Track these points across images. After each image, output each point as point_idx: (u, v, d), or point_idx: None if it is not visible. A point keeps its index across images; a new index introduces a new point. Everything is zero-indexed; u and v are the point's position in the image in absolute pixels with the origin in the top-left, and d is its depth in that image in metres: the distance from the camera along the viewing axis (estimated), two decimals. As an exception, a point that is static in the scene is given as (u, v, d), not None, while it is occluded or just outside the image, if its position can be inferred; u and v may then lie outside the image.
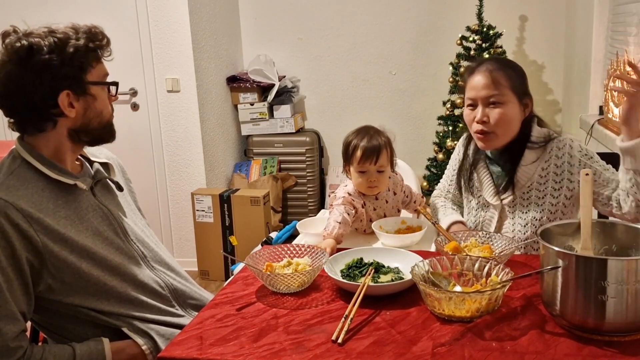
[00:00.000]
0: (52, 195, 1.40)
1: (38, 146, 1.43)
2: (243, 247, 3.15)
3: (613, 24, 3.02)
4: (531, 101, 1.81)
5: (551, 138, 1.80)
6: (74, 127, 1.43)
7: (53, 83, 1.36)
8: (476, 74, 1.78)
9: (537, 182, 1.79)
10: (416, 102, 4.04)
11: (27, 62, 1.34)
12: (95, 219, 1.47)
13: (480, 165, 1.89)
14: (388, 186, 2.11)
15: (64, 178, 1.43)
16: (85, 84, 1.40)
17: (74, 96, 1.39)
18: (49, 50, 1.35)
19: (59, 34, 1.38)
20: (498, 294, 1.32)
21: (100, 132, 1.48)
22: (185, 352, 1.25)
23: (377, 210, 2.10)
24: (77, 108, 1.41)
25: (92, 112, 1.43)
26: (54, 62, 1.35)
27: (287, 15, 4.07)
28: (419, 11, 3.90)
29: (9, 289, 1.31)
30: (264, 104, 3.94)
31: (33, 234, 1.33)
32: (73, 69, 1.38)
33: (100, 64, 1.45)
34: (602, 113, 3.02)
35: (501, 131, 1.75)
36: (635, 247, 1.35)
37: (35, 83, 1.35)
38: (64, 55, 1.36)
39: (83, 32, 1.41)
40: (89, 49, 1.40)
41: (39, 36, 1.36)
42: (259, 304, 1.47)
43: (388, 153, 2.04)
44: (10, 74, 1.35)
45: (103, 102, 1.46)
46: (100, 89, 1.45)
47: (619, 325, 1.20)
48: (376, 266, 1.57)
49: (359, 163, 2.00)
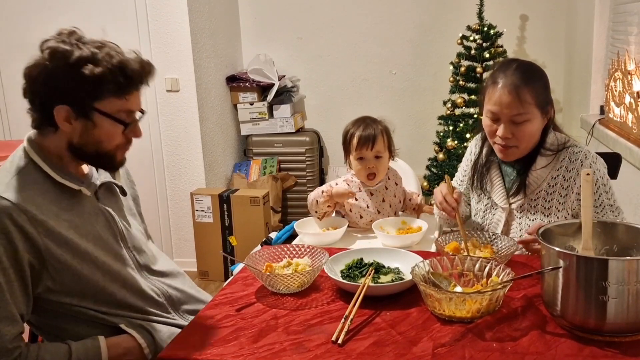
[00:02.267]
0: (56, 198, 1.40)
1: (46, 147, 1.43)
2: (243, 248, 3.15)
3: (614, 24, 3.02)
4: (552, 107, 1.76)
5: (565, 147, 1.76)
6: (72, 142, 1.41)
7: (53, 93, 1.35)
8: (500, 87, 1.67)
9: (545, 190, 1.77)
10: (416, 102, 4.03)
11: (47, 63, 1.34)
12: (97, 223, 1.47)
13: (493, 167, 1.87)
14: (387, 174, 2.17)
15: (69, 182, 1.43)
16: (89, 108, 1.37)
17: (73, 114, 1.37)
18: (65, 62, 1.33)
19: (87, 52, 1.35)
20: (499, 295, 1.31)
21: (96, 158, 1.45)
22: (185, 353, 1.25)
23: (375, 195, 2.12)
24: (74, 126, 1.38)
25: (89, 137, 1.40)
26: (60, 76, 1.34)
27: (286, 14, 4.06)
28: (419, 11, 3.90)
29: (9, 290, 1.30)
30: (264, 103, 3.93)
31: (36, 236, 1.32)
32: (80, 91, 1.35)
33: (121, 99, 1.39)
34: (603, 113, 3.02)
35: (524, 145, 1.72)
36: (636, 248, 1.35)
37: (41, 85, 1.36)
38: (75, 73, 1.33)
39: (114, 62, 1.36)
40: (106, 80, 1.35)
41: (72, 46, 1.35)
42: (258, 305, 1.46)
43: (385, 140, 2.12)
44: (36, 68, 1.36)
45: (106, 133, 1.41)
46: (106, 120, 1.40)
47: (619, 326, 1.20)
48: (376, 266, 1.57)
49: (357, 150, 2.09)
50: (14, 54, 3.64)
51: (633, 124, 2.50)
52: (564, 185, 1.75)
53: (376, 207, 2.13)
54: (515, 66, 1.70)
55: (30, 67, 1.37)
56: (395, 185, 2.20)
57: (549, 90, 1.75)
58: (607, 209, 1.71)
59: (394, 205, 2.18)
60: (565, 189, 1.74)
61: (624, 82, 2.59)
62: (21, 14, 3.59)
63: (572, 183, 1.74)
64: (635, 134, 2.46)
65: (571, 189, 1.73)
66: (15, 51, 3.62)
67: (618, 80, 2.67)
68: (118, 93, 1.38)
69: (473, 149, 1.97)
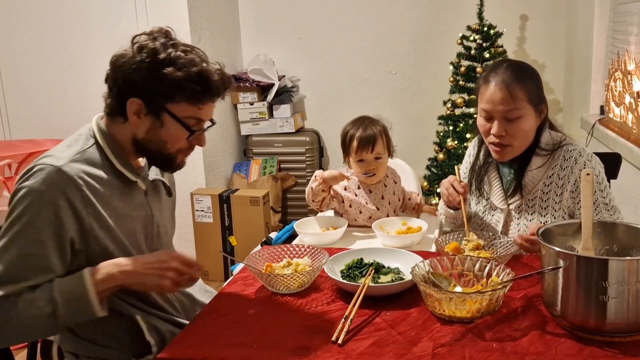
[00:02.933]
0: (110, 184, 1.42)
1: (112, 134, 1.45)
2: (243, 248, 3.15)
3: (614, 24, 3.01)
4: (546, 106, 1.76)
5: (560, 145, 1.76)
6: (137, 136, 1.43)
7: (132, 85, 1.38)
8: (492, 85, 1.70)
9: (542, 190, 1.77)
10: (416, 102, 4.03)
11: (133, 56, 1.37)
12: (137, 219, 1.49)
13: (491, 169, 1.87)
14: (386, 173, 2.20)
15: (128, 172, 1.46)
16: (161, 108, 1.40)
17: (144, 109, 1.40)
18: (149, 59, 1.36)
19: (172, 54, 1.37)
20: (499, 295, 1.31)
21: (157, 156, 1.47)
22: (185, 353, 1.25)
23: (374, 192, 2.13)
24: (142, 121, 1.41)
25: (155, 135, 1.43)
26: (144, 71, 1.36)
27: (286, 14, 4.06)
28: (419, 10, 3.90)
29: (40, 265, 1.31)
30: (264, 103, 3.93)
31: (85, 215, 1.35)
32: (155, 89, 1.38)
33: (194, 106, 1.42)
34: (603, 113, 3.01)
35: (518, 143, 1.73)
36: (637, 248, 1.35)
37: (122, 75, 1.38)
38: (155, 71, 1.36)
39: (194, 70, 1.38)
40: (183, 85, 1.38)
41: (161, 45, 1.37)
42: (258, 305, 1.46)
43: (384, 141, 2.14)
44: (122, 58, 1.39)
45: (171, 135, 1.43)
46: (174, 123, 1.42)
47: (620, 326, 1.20)
48: (376, 266, 1.57)
49: (357, 153, 2.11)
50: (14, 54, 3.65)
51: (633, 124, 2.50)
52: (559, 184, 1.75)
53: (375, 203, 2.15)
54: (506, 65, 1.73)
55: (117, 55, 1.40)
56: (394, 183, 2.21)
57: (542, 89, 1.76)
58: (602, 208, 1.71)
59: (393, 202, 2.19)
60: (560, 188, 1.74)
61: (624, 82, 2.58)
62: (21, 14, 3.59)
63: (566, 181, 1.73)
64: (635, 134, 2.46)
65: (565, 187, 1.74)
66: (15, 51, 3.63)
67: (618, 80, 2.67)
68: (192, 100, 1.41)
69: (471, 151, 1.98)
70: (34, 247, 1.30)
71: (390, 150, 2.18)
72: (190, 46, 1.43)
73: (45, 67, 3.63)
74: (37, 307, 1.29)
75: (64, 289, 1.31)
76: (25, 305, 1.29)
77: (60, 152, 1.39)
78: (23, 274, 1.30)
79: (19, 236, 1.30)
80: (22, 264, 1.30)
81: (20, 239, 1.30)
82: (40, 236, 1.31)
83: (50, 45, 3.59)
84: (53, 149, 1.43)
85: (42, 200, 1.30)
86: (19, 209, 1.30)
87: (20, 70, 3.65)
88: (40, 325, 1.30)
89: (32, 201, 1.30)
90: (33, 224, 1.30)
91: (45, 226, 1.31)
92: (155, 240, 1.56)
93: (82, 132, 1.46)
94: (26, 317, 1.28)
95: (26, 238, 1.30)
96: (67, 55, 3.59)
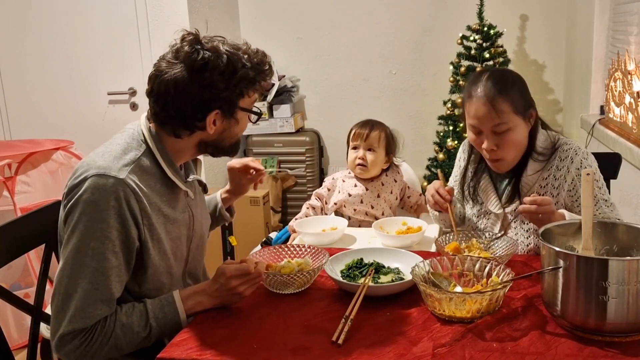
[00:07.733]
0: (161, 191, 1.42)
1: (165, 140, 1.44)
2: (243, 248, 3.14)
3: (614, 24, 3.01)
4: (534, 110, 1.72)
5: (556, 147, 1.74)
6: (206, 140, 1.44)
7: (211, 101, 1.37)
8: (475, 101, 1.65)
9: (537, 192, 1.73)
10: (417, 102, 4.03)
11: (198, 75, 1.34)
12: (182, 222, 1.50)
13: (484, 175, 1.84)
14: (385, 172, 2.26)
15: (178, 180, 1.45)
16: (236, 108, 1.41)
17: (221, 116, 1.41)
18: (220, 71, 1.35)
19: (233, 55, 1.37)
20: (499, 295, 1.31)
21: (227, 148, 1.49)
22: (185, 353, 1.25)
23: (371, 190, 2.16)
24: (217, 126, 1.41)
25: (229, 132, 1.45)
26: (220, 84, 1.35)
27: (286, 14, 4.06)
28: (419, 10, 3.89)
29: (117, 274, 1.33)
30: (264, 103, 3.93)
31: (142, 227, 1.37)
32: (233, 95, 1.38)
33: (255, 92, 1.45)
34: (603, 113, 3.01)
35: (512, 156, 1.70)
36: (637, 248, 1.35)
37: (196, 95, 1.35)
38: (231, 80, 1.36)
39: (255, 61, 1.40)
40: (252, 80, 1.40)
41: (216, 53, 1.35)
42: (258, 305, 1.46)
43: (382, 137, 2.22)
44: (177, 78, 1.34)
45: (242, 126, 1.46)
46: (245, 115, 1.45)
47: (620, 326, 1.20)
48: (376, 266, 1.57)
49: (352, 140, 2.24)
50: (14, 54, 3.65)
51: (633, 124, 2.49)
52: (555, 185, 1.73)
53: (370, 202, 2.20)
54: (486, 76, 1.66)
55: (174, 79, 1.34)
56: (393, 182, 2.24)
57: (528, 94, 1.70)
58: (602, 203, 1.70)
59: (389, 201, 2.22)
60: (556, 188, 1.73)
61: (624, 82, 2.58)
62: (21, 15, 3.59)
63: (562, 181, 1.72)
64: (635, 134, 2.46)
65: (562, 187, 1.72)
66: (15, 51, 3.63)
67: (618, 80, 2.67)
68: (257, 87, 1.44)
69: (462, 155, 1.94)
70: (114, 259, 1.32)
71: (388, 151, 2.22)
72: (221, 37, 1.41)
73: (45, 67, 3.63)
74: (133, 333, 1.35)
75: (159, 316, 1.38)
76: (122, 331, 1.34)
77: (114, 160, 1.36)
78: (110, 288, 1.32)
79: (97, 251, 1.30)
80: (105, 280, 1.31)
81: (98, 254, 1.30)
82: (116, 248, 1.32)
83: (50, 46, 3.59)
84: (104, 154, 1.37)
85: (110, 213, 1.30)
86: (84, 221, 1.30)
87: (20, 70, 3.65)
88: (134, 345, 1.36)
89: (98, 216, 1.30)
90: (108, 237, 1.31)
91: (116, 238, 1.32)
92: (194, 239, 1.57)
93: (133, 136, 1.43)
94: (123, 340, 1.34)
95: (106, 252, 1.31)
96: (67, 55, 3.59)
